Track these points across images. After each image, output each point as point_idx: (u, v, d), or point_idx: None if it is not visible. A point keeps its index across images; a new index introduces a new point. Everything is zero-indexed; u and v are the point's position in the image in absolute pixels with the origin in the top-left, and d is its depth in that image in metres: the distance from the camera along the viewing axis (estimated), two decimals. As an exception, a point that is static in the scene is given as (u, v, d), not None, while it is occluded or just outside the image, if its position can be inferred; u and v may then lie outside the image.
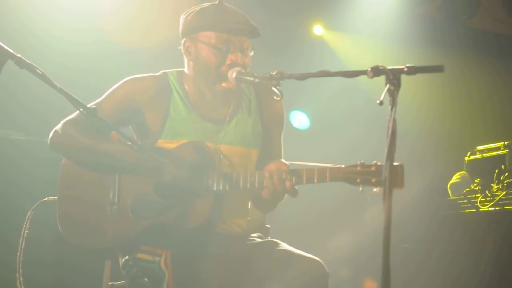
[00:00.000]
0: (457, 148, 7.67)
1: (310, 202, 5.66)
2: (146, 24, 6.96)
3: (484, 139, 7.10)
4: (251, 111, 3.88)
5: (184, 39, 3.79)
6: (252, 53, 3.75)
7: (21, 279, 4.22)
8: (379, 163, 3.22)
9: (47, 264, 5.65)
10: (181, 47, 3.80)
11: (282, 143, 3.98)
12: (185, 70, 3.85)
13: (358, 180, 3.27)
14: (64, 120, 3.76)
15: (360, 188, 3.28)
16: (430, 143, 8.65)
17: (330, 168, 3.36)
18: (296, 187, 3.44)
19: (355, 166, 3.29)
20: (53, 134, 3.76)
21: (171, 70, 3.89)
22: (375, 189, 3.22)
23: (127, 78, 3.83)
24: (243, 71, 3.59)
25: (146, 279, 3.55)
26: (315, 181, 3.38)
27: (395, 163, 2.94)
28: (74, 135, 3.68)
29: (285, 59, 7.68)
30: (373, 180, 3.23)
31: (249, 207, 3.89)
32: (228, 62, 3.65)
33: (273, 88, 3.40)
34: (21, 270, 4.21)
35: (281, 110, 3.98)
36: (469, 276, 6.31)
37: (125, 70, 3.89)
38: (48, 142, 3.77)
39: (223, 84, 3.65)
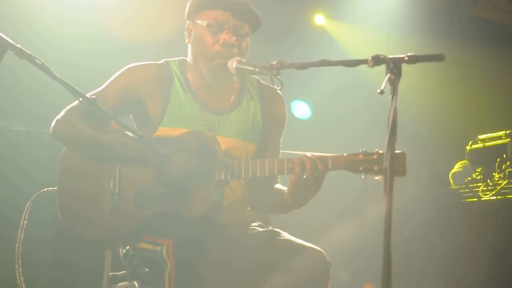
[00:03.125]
0: (459, 137, 7.66)
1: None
2: (149, 19, 6.96)
3: (486, 128, 7.09)
4: (252, 106, 3.89)
5: (188, 23, 3.84)
6: (248, 39, 3.76)
7: (21, 270, 4.22)
8: (381, 151, 3.22)
9: (47, 258, 5.65)
10: (185, 31, 3.83)
11: (280, 144, 3.99)
12: (188, 59, 3.86)
13: (360, 169, 3.27)
14: (66, 108, 3.75)
15: (362, 177, 3.28)
16: (432, 133, 8.64)
17: (332, 156, 3.36)
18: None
19: (357, 154, 3.29)
20: (55, 123, 3.74)
21: (173, 58, 3.90)
22: (377, 177, 3.22)
23: (127, 66, 3.84)
24: (243, 60, 3.59)
25: (147, 269, 3.55)
26: (319, 169, 3.37)
27: (397, 151, 2.94)
28: (76, 125, 3.66)
29: (286, 49, 7.68)
30: (375, 168, 3.24)
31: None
32: (221, 41, 3.67)
33: (274, 89, 3.39)
34: (20, 262, 4.20)
35: (283, 112, 4.00)
36: (469, 265, 6.31)
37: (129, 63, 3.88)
38: (50, 130, 3.75)
39: (219, 61, 3.66)
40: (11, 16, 6.34)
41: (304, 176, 3.38)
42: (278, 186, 3.83)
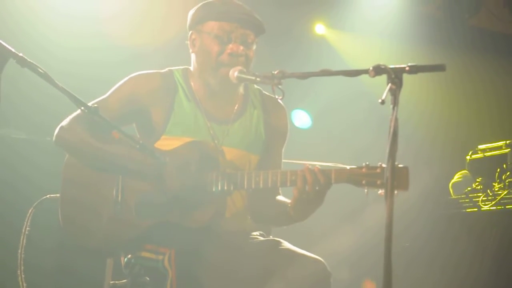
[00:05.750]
0: (459, 147, 7.66)
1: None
2: (152, 28, 6.97)
3: (486, 138, 7.10)
4: (255, 117, 3.88)
5: (190, 32, 3.83)
6: (254, 47, 3.76)
7: (23, 276, 4.23)
8: (384, 165, 3.21)
9: (48, 267, 5.65)
10: (188, 41, 3.82)
11: (282, 155, 3.99)
12: (191, 67, 3.87)
13: (363, 182, 3.27)
14: (71, 116, 3.75)
15: (365, 190, 3.28)
16: (432, 142, 8.64)
17: (335, 169, 3.36)
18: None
19: (360, 168, 3.29)
20: (59, 130, 3.74)
21: (176, 67, 3.90)
22: (379, 191, 3.22)
23: (132, 75, 3.83)
24: (244, 69, 3.60)
25: (148, 278, 3.55)
26: (321, 182, 3.37)
27: (400, 165, 2.97)
28: (80, 134, 3.67)
29: (287, 58, 7.69)
30: (378, 182, 3.23)
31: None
32: (228, 51, 3.66)
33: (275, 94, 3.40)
34: (22, 267, 4.21)
35: (285, 123, 4.00)
36: (469, 275, 6.30)
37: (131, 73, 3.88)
38: (54, 138, 3.75)
39: (224, 69, 3.65)
40: (13, 27, 6.34)
41: (307, 190, 3.38)
42: (280, 198, 3.82)
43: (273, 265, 3.49)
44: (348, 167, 3.32)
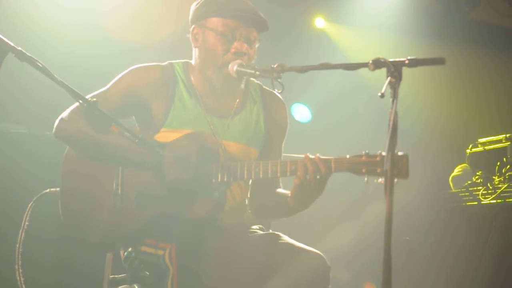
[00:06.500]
0: (459, 140, 7.66)
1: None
2: (150, 22, 6.96)
3: (486, 131, 7.10)
4: (255, 111, 3.88)
5: (192, 26, 3.81)
6: (257, 45, 3.76)
7: (20, 271, 4.23)
8: (383, 153, 3.20)
9: (48, 261, 5.66)
10: (190, 34, 3.81)
11: (282, 150, 3.99)
12: (192, 61, 3.86)
13: (363, 171, 3.26)
14: (71, 108, 3.74)
15: (365, 179, 3.27)
16: (432, 136, 8.64)
17: (334, 158, 3.35)
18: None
19: (360, 156, 3.27)
20: (59, 122, 3.74)
21: (177, 60, 3.89)
22: (380, 180, 3.21)
23: (132, 67, 3.83)
24: (244, 63, 3.59)
25: (148, 273, 3.55)
26: (321, 171, 3.36)
27: (400, 153, 2.95)
28: (79, 126, 3.66)
29: (286, 52, 7.68)
30: (378, 170, 3.22)
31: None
32: (233, 50, 3.65)
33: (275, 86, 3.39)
34: (20, 262, 4.21)
35: (285, 118, 3.99)
36: (469, 268, 6.31)
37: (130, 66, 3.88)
38: (53, 129, 3.75)
39: (228, 68, 3.65)
40: (12, 20, 6.35)
41: (308, 179, 3.37)
42: (280, 190, 3.82)
43: (272, 259, 3.49)
44: (348, 156, 3.31)
